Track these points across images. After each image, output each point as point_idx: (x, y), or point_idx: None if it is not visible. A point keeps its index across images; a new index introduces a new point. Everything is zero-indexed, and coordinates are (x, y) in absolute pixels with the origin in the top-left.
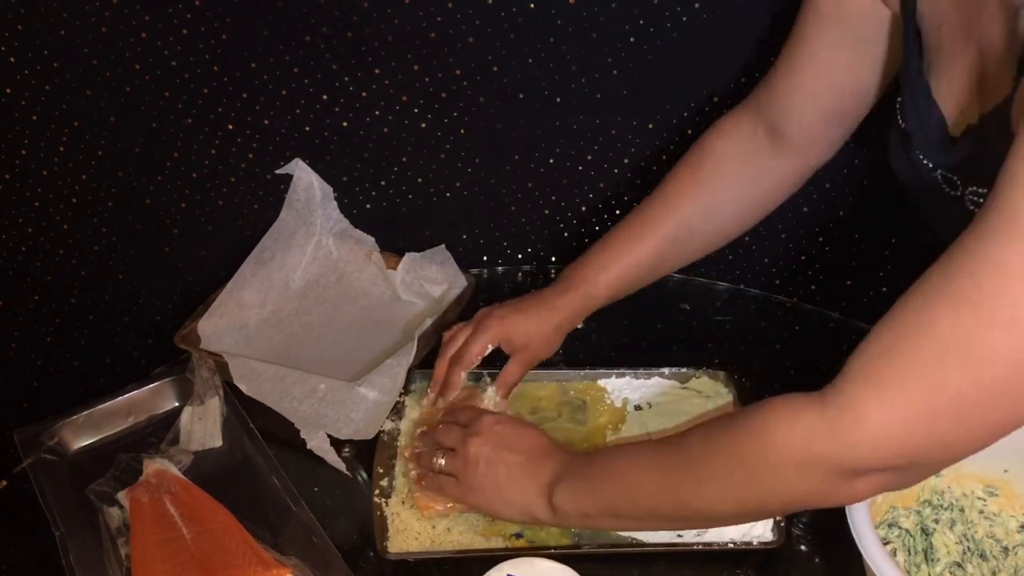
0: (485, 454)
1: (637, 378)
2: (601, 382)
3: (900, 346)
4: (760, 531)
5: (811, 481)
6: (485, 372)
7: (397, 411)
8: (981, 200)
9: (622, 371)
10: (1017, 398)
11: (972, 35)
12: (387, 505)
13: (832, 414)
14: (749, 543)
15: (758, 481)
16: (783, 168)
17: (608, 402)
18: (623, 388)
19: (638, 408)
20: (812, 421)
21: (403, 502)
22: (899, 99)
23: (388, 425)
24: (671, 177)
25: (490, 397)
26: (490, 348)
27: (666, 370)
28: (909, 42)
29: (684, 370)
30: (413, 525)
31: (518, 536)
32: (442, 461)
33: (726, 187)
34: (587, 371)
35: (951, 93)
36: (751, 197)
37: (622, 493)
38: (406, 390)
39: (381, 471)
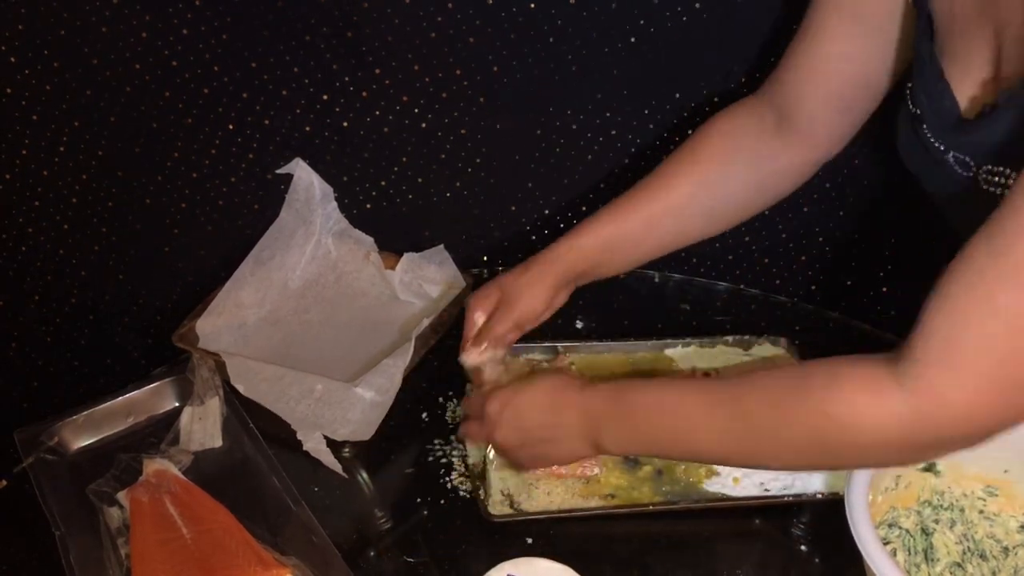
0: (512, 441)
1: (702, 347)
2: (668, 352)
3: (964, 327)
4: None
5: (892, 455)
6: (560, 344)
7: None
8: (997, 179)
9: (688, 340)
10: None
11: (987, 15)
12: (490, 471)
13: (915, 401)
14: (836, 493)
15: (835, 453)
16: (789, 155)
17: (677, 370)
18: (689, 356)
19: (706, 375)
20: (896, 408)
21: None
22: (909, 84)
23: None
24: (673, 154)
25: (475, 359)
26: (482, 315)
27: (729, 338)
28: (921, 25)
29: (746, 337)
30: (512, 490)
31: (612, 496)
32: (491, 455)
33: (726, 162)
34: (653, 341)
35: (965, 74)
36: (754, 180)
37: (680, 446)
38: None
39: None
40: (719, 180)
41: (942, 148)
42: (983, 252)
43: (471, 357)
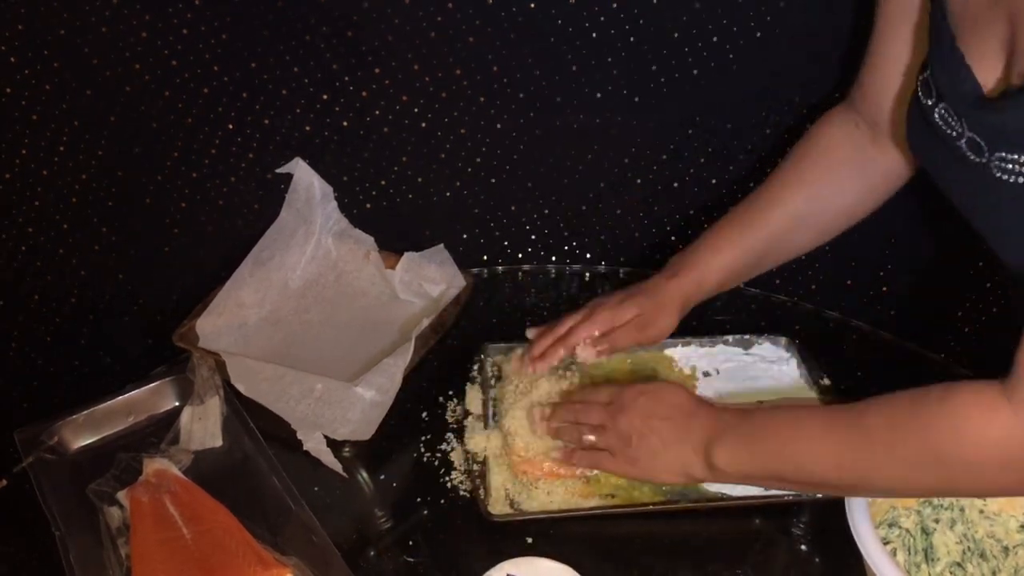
0: (636, 427)
1: (702, 346)
2: (668, 351)
3: None
4: None
5: (1010, 477)
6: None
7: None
8: (1010, 166)
9: (687, 340)
10: None
11: (999, 5)
12: (491, 470)
13: (1020, 406)
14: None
15: (954, 475)
16: (888, 158)
17: (677, 370)
18: (689, 356)
19: (706, 375)
20: (1005, 423)
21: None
22: (920, 77)
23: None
24: (778, 169)
25: (580, 353)
26: (597, 334)
27: (729, 337)
28: (939, 12)
29: (747, 337)
30: (512, 489)
31: (612, 496)
32: (591, 437)
33: (831, 176)
34: None
35: (979, 61)
36: (858, 188)
37: (790, 462)
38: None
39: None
40: (829, 194)
41: (955, 134)
42: None
43: (584, 352)
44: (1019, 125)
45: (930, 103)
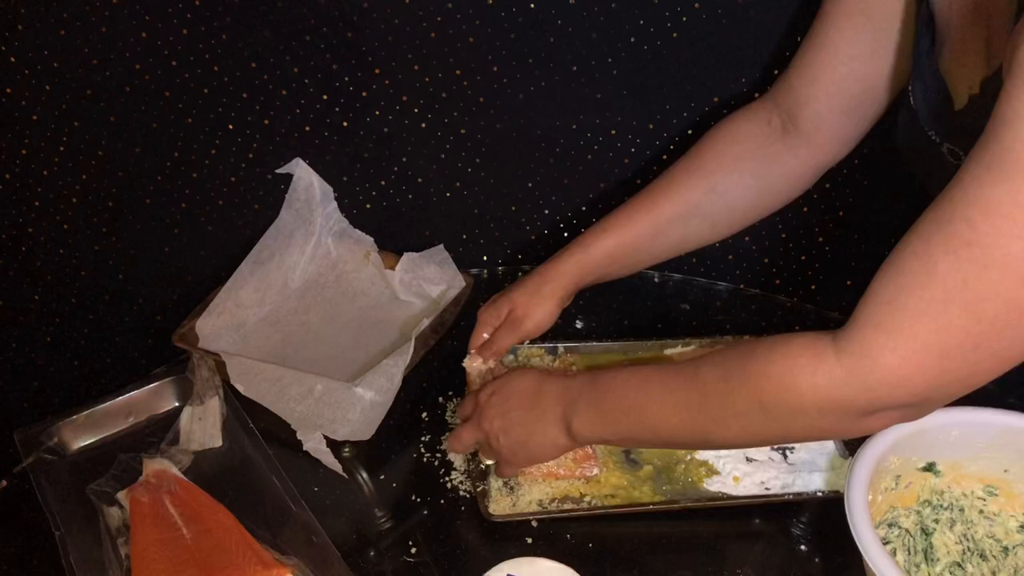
0: (496, 427)
1: (702, 346)
2: (667, 352)
3: (905, 292)
4: None
5: (830, 420)
6: (560, 344)
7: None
8: None
9: (688, 340)
10: (1018, 332)
11: (981, 10)
12: (491, 471)
13: (849, 362)
14: (836, 491)
15: (779, 422)
16: (795, 159)
17: None
18: (689, 357)
19: None
20: (832, 369)
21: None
22: (910, 86)
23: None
24: (679, 160)
25: (476, 366)
26: (486, 336)
27: (729, 337)
28: (922, 20)
29: (746, 337)
30: (511, 490)
31: (612, 496)
32: (485, 461)
33: (732, 169)
34: (653, 341)
35: (960, 68)
36: (759, 184)
37: (640, 424)
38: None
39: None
40: (724, 188)
41: (937, 140)
42: (930, 219)
43: (473, 364)
44: (981, 127)
45: (917, 109)
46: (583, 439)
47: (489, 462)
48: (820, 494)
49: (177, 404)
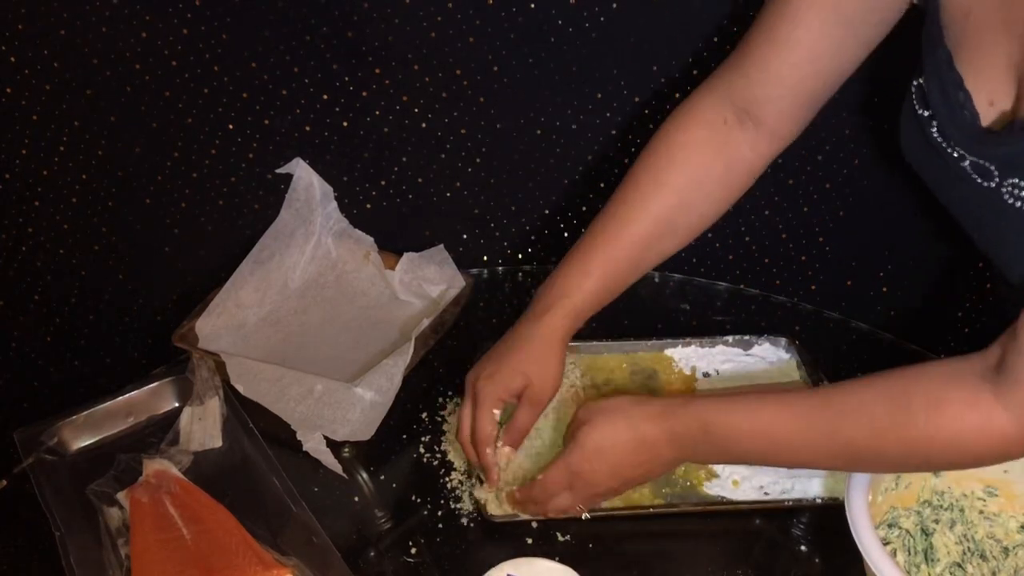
0: (613, 488)
1: (702, 347)
2: (667, 352)
3: None
4: None
5: (991, 461)
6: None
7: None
8: (1022, 192)
9: (688, 340)
10: None
11: (1009, 25)
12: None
13: (1018, 415)
14: (836, 498)
15: (937, 464)
16: (755, 152)
17: (677, 370)
18: (689, 357)
19: (706, 375)
20: (1003, 427)
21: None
22: (915, 83)
23: None
24: (638, 173)
25: (502, 454)
26: (498, 414)
27: (729, 338)
28: (933, 26)
29: (747, 337)
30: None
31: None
32: (585, 514)
33: (699, 179)
34: (653, 341)
35: (981, 78)
36: (725, 185)
37: (773, 463)
38: None
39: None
40: (693, 200)
41: (957, 156)
42: None
43: (503, 458)
44: None
45: (926, 114)
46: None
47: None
48: (819, 501)
49: (177, 404)
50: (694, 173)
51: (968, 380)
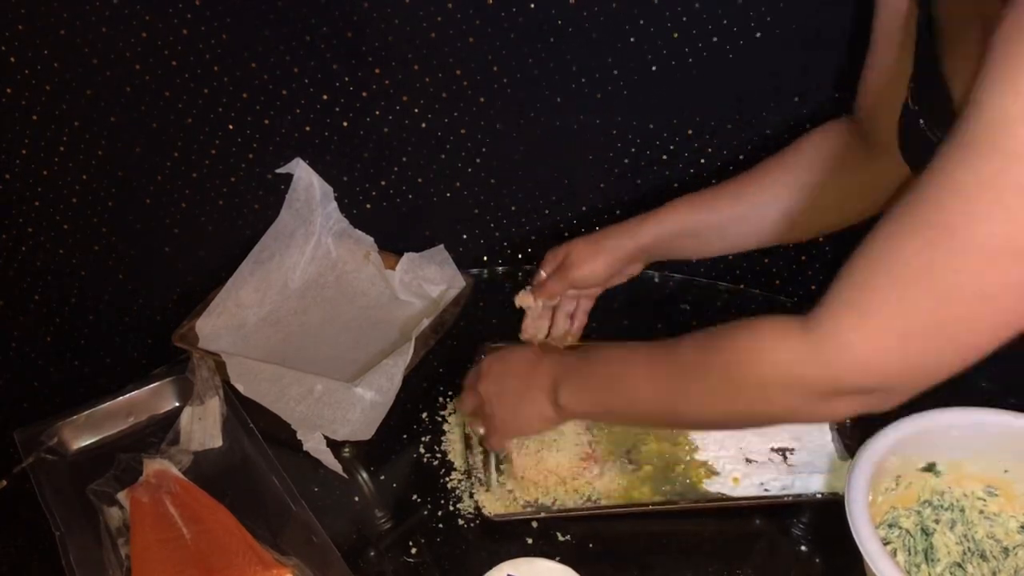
0: (492, 391)
1: None
2: None
3: (874, 274)
4: None
5: (793, 400)
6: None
7: None
8: None
9: None
10: (981, 319)
11: (977, 11)
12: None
13: (815, 339)
14: (836, 493)
15: (743, 397)
16: (875, 167)
17: None
18: None
19: None
20: (796, 345)
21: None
22: (911, 84)
23: None
24: (767, 159)
25: (527, 303)
26: (550, 268)
27: None
28: (922, 24)
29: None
30: (510, 490)
31: (611, 497)
32: (479, 429)
33: (815, 172)
34: (653, 341)
35: (962, 71)
36: (841, 190)
37: (621, 396)
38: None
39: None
40: (806, 187)
41: (937, 142)
42: (904, 201)
43: (520, 297)
44: None
45: (916, 108)
46: (568, 412)
47: (481, 431)
48: (819, 496)
49: (177, 404)
50: (810, 168)
51: (784, 315)
